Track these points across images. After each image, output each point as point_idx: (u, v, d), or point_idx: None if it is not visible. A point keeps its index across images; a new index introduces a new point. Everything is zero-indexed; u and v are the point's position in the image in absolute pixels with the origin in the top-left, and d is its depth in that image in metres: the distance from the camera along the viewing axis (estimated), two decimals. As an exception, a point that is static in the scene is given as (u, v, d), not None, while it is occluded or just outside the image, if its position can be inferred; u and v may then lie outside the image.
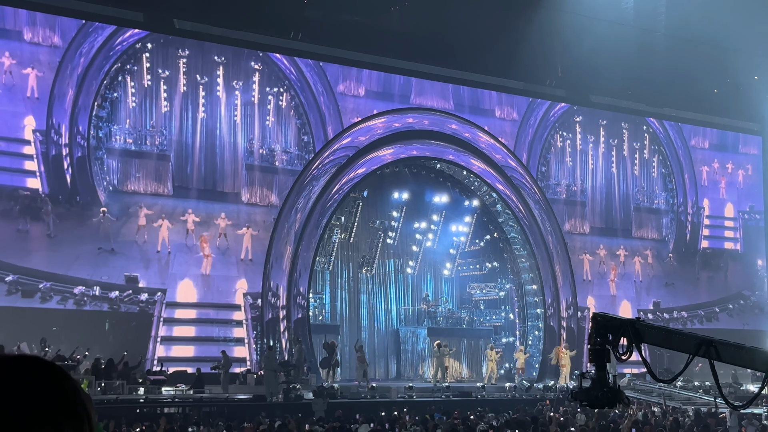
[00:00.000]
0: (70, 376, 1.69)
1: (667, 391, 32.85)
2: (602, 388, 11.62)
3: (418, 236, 37.56)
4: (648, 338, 11.56)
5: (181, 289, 30.06)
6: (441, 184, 37.25)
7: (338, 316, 35.46)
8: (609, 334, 11.37)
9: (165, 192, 30.17)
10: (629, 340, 11.18)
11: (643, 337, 11.34)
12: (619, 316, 11.93)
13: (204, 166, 30.95)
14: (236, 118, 31.66)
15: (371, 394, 29.27)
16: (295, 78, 32.90)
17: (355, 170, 33.71)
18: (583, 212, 39.27)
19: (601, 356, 11.46)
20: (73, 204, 28.48)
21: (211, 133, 31.12)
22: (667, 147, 42.09)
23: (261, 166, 31.98)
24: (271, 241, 31.39)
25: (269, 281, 31.24)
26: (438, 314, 36.96)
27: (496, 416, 24.71)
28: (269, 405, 25.99)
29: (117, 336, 28.52)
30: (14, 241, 27.54)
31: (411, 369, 36.43)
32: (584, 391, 12.18)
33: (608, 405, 12.01)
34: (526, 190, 37.40)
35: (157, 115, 30.20)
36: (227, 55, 31.65)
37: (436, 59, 35.61)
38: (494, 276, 38.55)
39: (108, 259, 28.82)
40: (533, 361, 36.76)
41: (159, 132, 30.16)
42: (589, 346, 11.80)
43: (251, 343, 30.77)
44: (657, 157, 41.79)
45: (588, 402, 12.07)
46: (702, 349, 11.41)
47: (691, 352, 11.70)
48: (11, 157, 27.87)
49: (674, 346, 12.16)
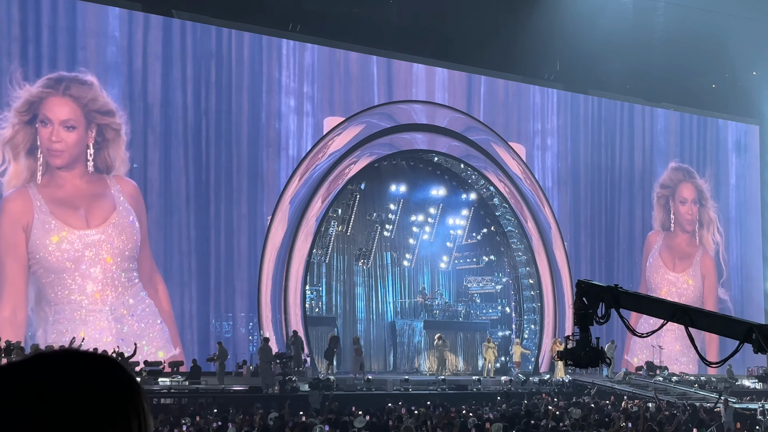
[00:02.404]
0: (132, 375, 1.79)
1: (662, 386, 32.91)
2: (585, 348, 12.01)
3: (415, 229, 37.57)
4: (625, 303, 11.97)
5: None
6: (438, 177, 37.25)
7: (334, 309, 35.49)
8: (590, 298, 11.81)
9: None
10: (607, 304, 11.69)
11: (620, 302, 11.76)
12: (599, 283, 12.29)
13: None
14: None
15: (367, 386, 29.33)
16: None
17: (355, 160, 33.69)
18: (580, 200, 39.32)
19: (584, 319, 11.95)
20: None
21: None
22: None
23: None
24: (267, 233, 31.37)
25: (264, 273, 31.26)
26: (434, 307, 37.01)
27: (491, 409, 24.77)
28: (265, 396, 26.03)
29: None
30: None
31: (407, 362, 36.48)
32: (569, 351, 12.55)
33: (590, 364, 12.35)
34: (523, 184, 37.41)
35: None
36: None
37: (434, 53, 35.60)
38: (491, 269, 38.59)
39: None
40: (529, 354, 36.83)
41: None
42: (573, 309, 12.28)
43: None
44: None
45: (572, 361, 12.44)
46: (677, 316, 11.82)
47: (666, 318, 12.16)
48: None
49: (650, 311, 12.60)
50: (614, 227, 40.20)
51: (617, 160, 40.42)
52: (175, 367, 27.59)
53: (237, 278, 30.93)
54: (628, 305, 11.98)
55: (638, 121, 41.19)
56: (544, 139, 38.40)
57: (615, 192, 40.31)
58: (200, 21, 30.87)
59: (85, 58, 28.79)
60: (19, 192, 27.30)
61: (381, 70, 34.75)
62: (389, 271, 37.41)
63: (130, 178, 29.18)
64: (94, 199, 28.39)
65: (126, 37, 29.45)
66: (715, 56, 39.74)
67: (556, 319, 37.43)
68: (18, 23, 27.95)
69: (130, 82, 29.46)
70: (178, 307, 29.75)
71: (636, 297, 12.72)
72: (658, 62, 39.91)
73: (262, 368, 27.50)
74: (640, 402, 27.74)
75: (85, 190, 28.29)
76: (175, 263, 29.88)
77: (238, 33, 31.56)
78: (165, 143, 29.99)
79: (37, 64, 28.10)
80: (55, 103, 28.12)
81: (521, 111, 37.97)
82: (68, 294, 27.54)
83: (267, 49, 32.13)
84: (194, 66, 30.56)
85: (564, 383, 32.67)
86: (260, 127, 31.77)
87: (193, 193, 30.41)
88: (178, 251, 30.04)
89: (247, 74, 31.58)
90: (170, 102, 30.12)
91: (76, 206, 28.02)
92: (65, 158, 28.14)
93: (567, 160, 38.89)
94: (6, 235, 27.03)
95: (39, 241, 27.24)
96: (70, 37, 28.62)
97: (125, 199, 28.91)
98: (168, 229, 29.91)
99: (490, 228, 38.23)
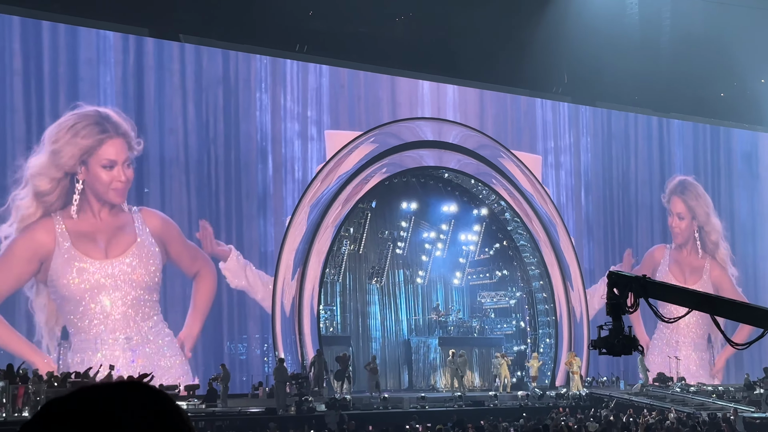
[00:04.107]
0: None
1: (679, 397, 32.76)
2: (618, 336, 12.31)
3: (427, 246, 37.54)
4: (652, 293, 12.33)
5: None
6: (449, 194, 37.24)
7: (349, 328, 35.44)
8: (619, 289, 12.18)
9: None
10: (635, 294, 12.07)
11: (647, 292, 12.12)
12: (629, 274, 12.73)
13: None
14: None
15: (383, 405, 29.25)
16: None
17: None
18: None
19: (616, 309, 12.28)
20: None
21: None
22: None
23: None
24: (280, 253, 31.38)
25: (278, 294, 31.24)
26: (449, 324, 36.94)
27: (509, 425, 24.68)
28: (281, 417, 25.98)
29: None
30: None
31: (423, 379, 36.39)
32: (602, 340, 12.73)
33: (624, 351, 12.48)
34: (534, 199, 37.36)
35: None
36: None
37: (441, 69, 35.65)
38: (504, 284, 38.52)
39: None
40: (545, 368, 36.72)
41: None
42: (606, 300, 12.68)
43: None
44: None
45: (606, 348, 12.61)
46: (702, 305, 12.40)
47: (691, 307, 12.71)
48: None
49: (676, 300, 13.05)
50: (630, 239, 40.03)
51: (631, 172, 40.28)
52: (191, 391, 27.57)
53: (250, 300, 30.90)
54: (655, 294, 12.64)
55: (648, 132, 41.11)
56: (557, 156, 38.35)
57: (628, 205, 40.19)
58: (207, 44, 30.95)
59: (99, 88, 28.81)
60: (42, 222, 27.27)
61: (388, 88, 34.81)
62: (402, 288, 37.36)
63: (142, 203, 29.20)
64: (116, 230, 28.42)
65: (133, 64, 29.50)
66: (724, 65, 39.67)
67: (571, 332, 37.30)
68: (19, 54, 27.81)
69: (138, 109, 29.51)
70: (195, 332, 29.67)
71: (663, 286, 13.42)
72: (666, 72, 39.85)
73: (278, 389, 27.46)
74: (657, 413, 27.62)
75: (109, 222, 28.32)
76: (188, 287, 29.85)
77: (245, 55, 31.63)
78: (169, 169, 29.95)
79: (40, 96, 27.87)
80: (112, 145, 28.35)
81: (532, 127, 37.93)
82: (87, 323, 27.50)
83: (272, 70, 32.18)
84: (201, 91, 30.62)
85: (581, 397, 32.54)
86: (266, 150, 31.77)
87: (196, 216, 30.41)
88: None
89: (252, 97, 31.62)
90: (174, 128, 30.15)
91: (97, 238, 27.99)
92: (125, 194, 28.42)
93: (579, 174, 38.83)
94: (24, 263, 27.02)
95: (59, 270, 27.22)
96: (71, 68, 28.52)
97: (148, 228, 28.95)
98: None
99: (503, 243, 38.17)
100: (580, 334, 37.44)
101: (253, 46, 31.82)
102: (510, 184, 36.82)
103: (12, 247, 26.80)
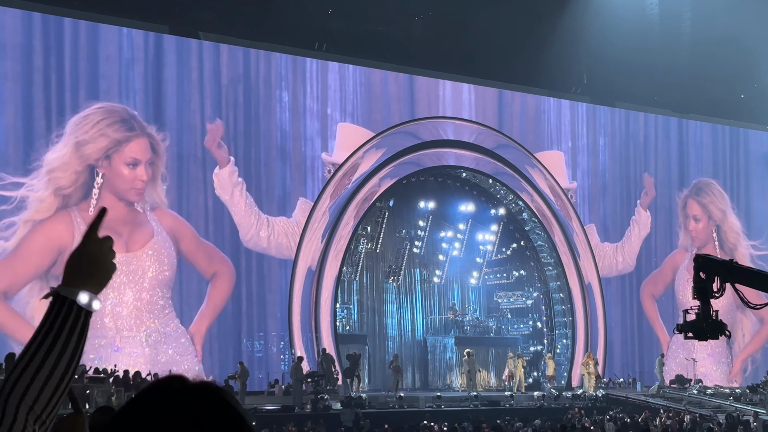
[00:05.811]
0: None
1: (696, 399, 32.64)
2: (707, 320, 12.16)
3: (444, 245, 37.50)
4: (738, 277, 12.19)
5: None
6: (467, 193, 37.21)
7: (365, 326, 35.47)
8: (705, 272, 12.08)
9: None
10: (721, 279, 11.94)
11: (733, 276, 12.01)
12: (717, 258, 12.67)
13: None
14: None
15: (399, 403, 29.28)
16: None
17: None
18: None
19: (704, 292, 12.14)
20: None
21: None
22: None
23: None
24: (298, 251, 31.44)
25: (296, 292, 31.31)
26: (465, 323, 36.92)
27: (524, 425, 24.65)
28: (297, 415, 26.04)
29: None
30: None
31: (439, 379, 36.39)
32: (689, 324, 12.60)
33: (711, 335, 12.37)
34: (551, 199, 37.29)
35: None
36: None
37: (460, 68, 35.62)
38: (521, 284, 38.45)
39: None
40: (561, 369, 36.64)
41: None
42: (692, 284, 12.57)
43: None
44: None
45: (693, 333, 12.50)
46: None
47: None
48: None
49: (760, 286, 12.89)
50: (647, 241, 39.87)
51: (649, 174, 40.11)
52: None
53: (268, 298, 30.97)
54: (740, 279, 12.51)
55: (667, 134, 40.96)
56: (575, 156, 38.27)
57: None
58: (227, 42, 31.01)
59: (119, 85, 28.91)
60: (60, 215, 27.39)
61: (408, 87, 34.82)
62: (419, 287, 37.33)
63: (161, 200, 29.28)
64: (134, 226, 28.50)
65: (153, 61, 29.59)
66: (744, 66, 39.45)
67: (588, 333, 37.21)
68: (41, 53, 27.93)
69: (157, 106, 29.62)
70: (213, 329, 29.76)
71: (749, 272, 13.38)
72: (685, 73, 39.67)
73: (295, 387, 27.54)
74: (673, 414, 27.53)
75: (128, 218, 28.41)
76: (205, 285, 29.92)
77: (265, 53, 31.68)
78: (186, 166, 30.03)
79: (60, 92, 27.96)
80: (138, 143, 28.47)
81: (550, 127, 37.88)
82: (102, 318, 27.57)
83: (292, 68, 32.24)
84: (220, 88, 30.69)
85: (597, 398, 32.46)
86: (286, 148, 31.83)
87: (214, 214, 30.49)
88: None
89: (273, 95, 31.69)
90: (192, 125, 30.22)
91: (119, 232, 28.04)
92: (143, 194, 28.55)
93: (596, 175, 38.73)
94: (40, 255, 27.12)
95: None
96: (92, 64, 28.65)
97: (164, 228, 29.04)
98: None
99: (520, 243, 38.11)
100: (596, 335, 37.36)
101: (272, 44, 31.87)
102: (528, 183, 36.75)
103: (28, 239, 26.91)
